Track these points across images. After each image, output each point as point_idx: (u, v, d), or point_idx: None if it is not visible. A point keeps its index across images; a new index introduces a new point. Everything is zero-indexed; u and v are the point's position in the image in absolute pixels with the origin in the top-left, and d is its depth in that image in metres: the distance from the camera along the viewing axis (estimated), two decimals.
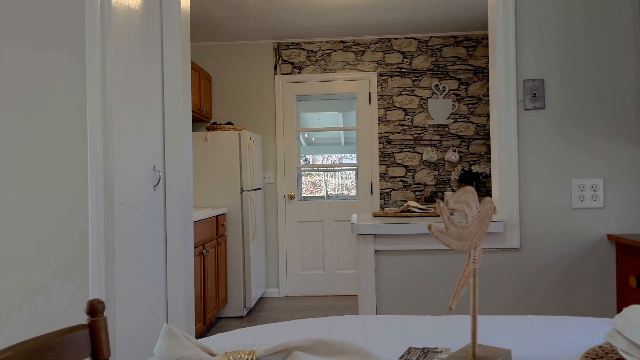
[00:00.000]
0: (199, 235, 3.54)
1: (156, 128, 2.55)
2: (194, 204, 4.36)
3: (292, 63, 5.10)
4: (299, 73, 5.09)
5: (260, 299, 5.02)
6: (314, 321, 1.24)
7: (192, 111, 4.33)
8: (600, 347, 0.93)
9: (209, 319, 3.79)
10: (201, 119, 4.79)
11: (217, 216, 4.05)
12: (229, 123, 4.73)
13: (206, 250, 3.69)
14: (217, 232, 4.05)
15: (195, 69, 4.47)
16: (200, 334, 3.72)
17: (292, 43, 5.10)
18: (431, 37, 5.02)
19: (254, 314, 4.46)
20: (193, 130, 4.92)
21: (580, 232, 2.13)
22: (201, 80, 4.65)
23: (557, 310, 2.12)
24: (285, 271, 5.09)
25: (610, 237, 2.10)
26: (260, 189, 4.90)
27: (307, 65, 5.09)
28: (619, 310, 2.09)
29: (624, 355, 0.81)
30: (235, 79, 5.11)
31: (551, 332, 1.10)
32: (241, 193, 4.36)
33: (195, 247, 3.44)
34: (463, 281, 0.88)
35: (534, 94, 2.15)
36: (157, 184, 2.53)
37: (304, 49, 5.10)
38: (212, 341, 1.09)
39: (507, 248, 2.14)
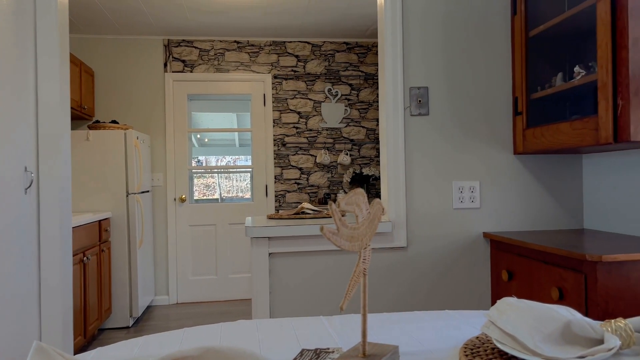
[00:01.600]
0: (79, 241, 3.28)
1: (28, 125, 2.31)
2: (74, 208, 4.03)
3: (183, 61, 4.92)
4: (191, 72, 4.93)
5: (149, 307, 4.78)
6: (204, 328, 1.20)
7: (72, 108, 4.01)
8: (477, 337, 1.00)
9: (91, 332, 3.53)
10: (82, 117, 4.45)
11: (99, 221, 3.78)
12: (114, 122, 4.44)
13: (87, 258, 3.43)
14: (99, 238, 3.78)
15: (76, 62, 4.14)
16: (80, 349, 3.45)
17: (184, 41, 4.93)
18: (324, 42, 5.12)
19: (142, 324, 4.23)
20: (73, 129, 4.56)
21: (460, 230, 2.29)
22: (82, 75, 4.32)
23: (441, 304, 2.26)
24: (175, 277, 4.89)
25: (485, 235, 2.29)
26: (148, 191, 4.66)
27: (200, 64, 4.95)
28: (494, 302, 2.28)
29: (497, 344, 0.88)
30: (121, 76, 4.82)
31: (434, 326, 1.16)
32: (127, 196, 4.12)
33: (74, 255, 3.18)
34: (354, 281, 0.90)
35: (420, 101, 2.27)
36: (29, 186, 2.30)
37: (196, 47, 4.95)
38: (92, 356, 1.01)
39: (395, 247, 2.24)
